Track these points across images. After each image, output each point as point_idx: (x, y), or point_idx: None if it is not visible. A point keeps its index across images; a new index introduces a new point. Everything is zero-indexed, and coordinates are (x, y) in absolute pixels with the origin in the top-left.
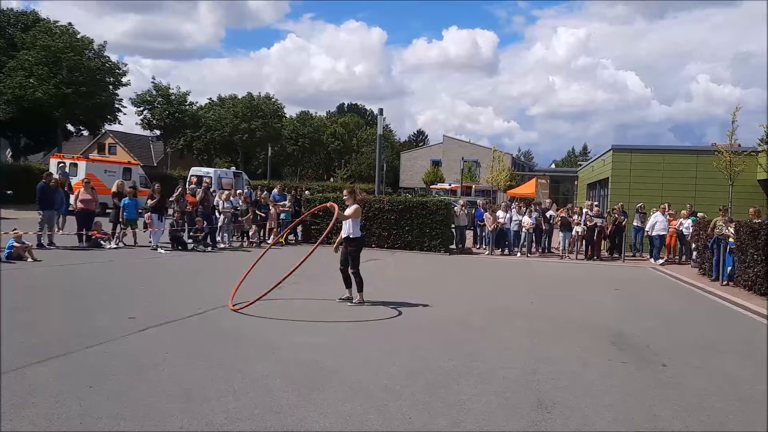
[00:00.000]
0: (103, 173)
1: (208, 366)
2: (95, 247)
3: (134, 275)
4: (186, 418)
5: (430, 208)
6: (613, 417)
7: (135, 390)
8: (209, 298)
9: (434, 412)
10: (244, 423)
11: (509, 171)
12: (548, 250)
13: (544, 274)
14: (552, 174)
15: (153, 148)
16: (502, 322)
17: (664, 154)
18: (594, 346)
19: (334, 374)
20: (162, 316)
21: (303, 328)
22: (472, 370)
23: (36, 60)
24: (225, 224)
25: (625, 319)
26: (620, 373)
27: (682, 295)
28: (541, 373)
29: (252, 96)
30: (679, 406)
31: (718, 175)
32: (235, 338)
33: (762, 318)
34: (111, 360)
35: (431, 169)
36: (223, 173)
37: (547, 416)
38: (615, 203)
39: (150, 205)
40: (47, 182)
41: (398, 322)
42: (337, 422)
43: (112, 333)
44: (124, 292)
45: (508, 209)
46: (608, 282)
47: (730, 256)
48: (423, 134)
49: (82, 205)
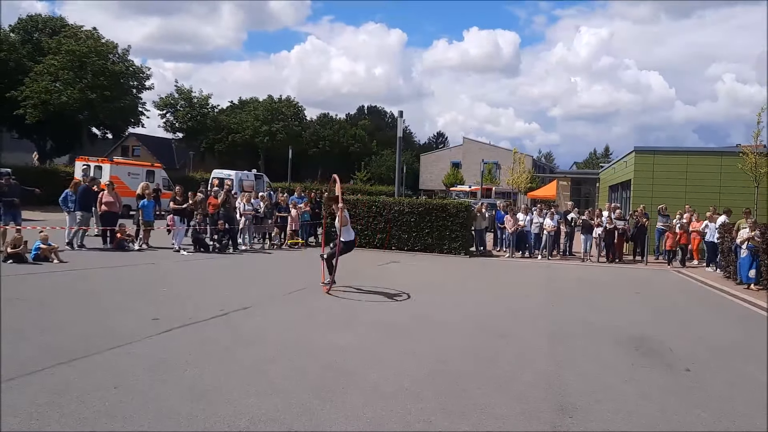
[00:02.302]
0: (127, 176)
1: (231, 367)
2: (119, 249)
3: (157, 277)
4: (209, 419)
5: (450, 211)
6: (635, 422)
7: (158, 391)
8: (231, 300)
9: (455, 416)
10: (266, 425)
11: (530, 173)
12: (569, 252)
13: (565, 276)
14: (573, 176)
15: (175, 151)
16: (523, 324)
17: (687, 156)
18: (616, 350)
19: (356, 376)
20: (185, 318)
21: (324, 329)
22: (493, 374)
23: (61, 65)
24: (246, 226)
25: (648, 322)
26: (643, 377)
27: (706, 298)
28: (563, 377)
29: (272, 99)
30: (703, 412)
31: (742, 177)
32: (257, 339)
33: None
34: (135, 361)
35: (451, 171)
36: (245, 175)
37: (569, 421)
38: (637, 205)
39: (172, 207)
40: (89, 186)
41: (418, 324)
42: (358, 425)
43: (136, 334)
44: (147, 293)
45: (528, 212)
46: (630, 285)
47: (755, 258)
48: (443, 136)
49: (105, 208)
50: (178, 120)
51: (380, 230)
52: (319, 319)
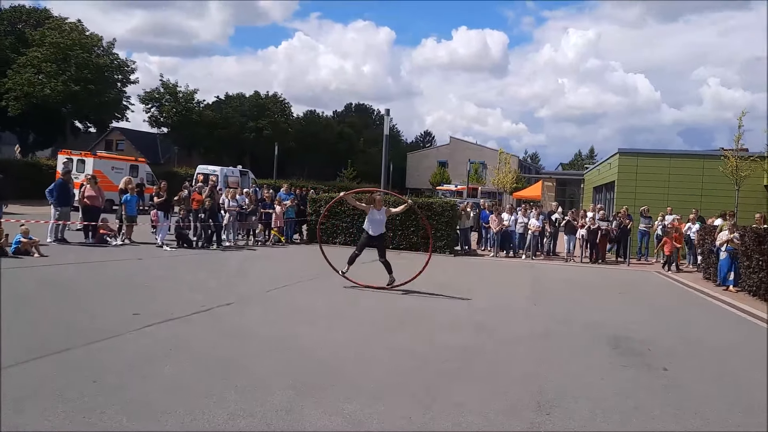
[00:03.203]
0: (111, 170)
1: (212, 363)
2: (101, 243)
3: (139, 272)
4: (188, 414)
5: (435, 209)
6: (613, 420)
7: (138, 386)
8: (214, 296)
9: (435, 412)
10: (246, 421)
11: (515, 173)
12: (553, 252)
13: (548, 276)
14: (558, 177)
15: (160, 146)
16: (505, 323)
17: (670, 158)
18: (596, 348)
19: (338, 372)
20: (166, 313)
21: (307, 325)
22: (474, 371)
23: (45, 57)
24: (230, 222)
25: (628, 322)
26: (621, 376)
27: (686, 299)
28: (543, 374)
29: (259, 95)
30: (679, 411)
31: (724, 180)
32: (240, 335)
33: (765, 324)
34: (115, 356)
35: (438, 170)
36: (230, 171)
37: (547, 418)
38: (621, 207)
39: (156, 202)
40: (66, 180)
41: (402, 321)
42: (339, 421)
43: (116, 329)
44: (128, 288)
45: (513, 211)
46: (612, 285)
47: (734, 261)
48: (430, 135)
49: (88, 202)
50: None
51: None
52: (303, 316)
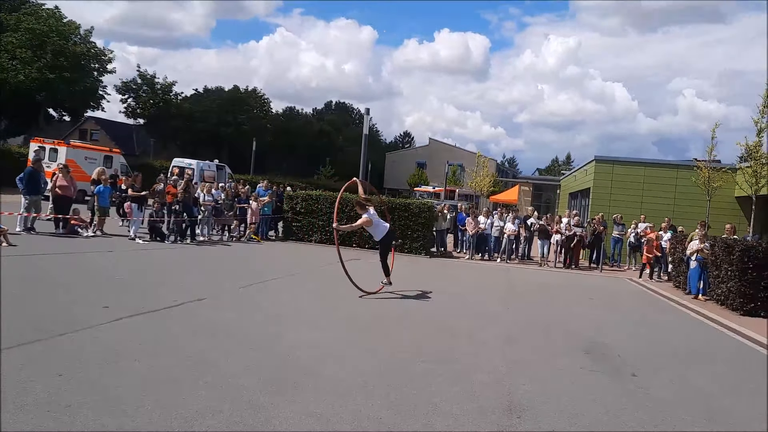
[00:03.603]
0: (84, 160)
1: (182, 358)
2: (72, 234)
3: (110, 264)
4: (156, 410)
5: (413, 210)
6: (581, 423)
7: (105, 380)
8: (186, 291)
9: (406, 413)
10: (214, 418)
11: (492, 177)
12: (527, 257)
13: (522, 280)
14: (535, 182)
15: (136, 137)
16: (478, 326)
17: (645, 167)
18: (567, 353)
19: (309, 372)
20: (137, 307)
21: (280, 324)
22: (445, 372)
23: (20, 43)
24: (205, 217)
25: (599, 328)
26: (591, 381)
27: (656, 306)
28: (514, 378)
29: (238, 89)
30: (645, 415)
31: (696, 190)
32: (212, 331)
33: (732, 333)
34: (82, 349)
35: (416, 171)
36: (206, 165)
37: (517, 421)
38: (596, 213)
39: (130, 194)
40: (36, 168)
41: (376, 322)
42: (308, 421)
43: (85, 321)
44: (99, 281)
45: (489, 215)
46: (584, 291)
47: (704, 271)
48: (409, 136)
49: (59, 191)
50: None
51: None
52: (276, 314)
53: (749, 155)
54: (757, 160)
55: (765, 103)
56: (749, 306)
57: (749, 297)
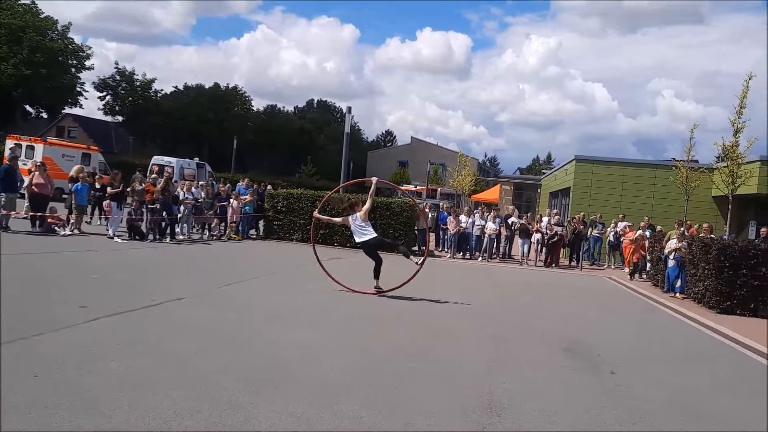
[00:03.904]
0: (61, 157)
1: (160, 358)
2: (49, 233)
3: (88, 263)
4: (132, 410)
5: (394, 209)
6: (560, 421)
7: (82, 380)
8: (165, 290)
9: (386, 412)
10: (192, 418)
11: (474, 176)
12: (508, 255)
13: (503, 279)
14: (516, 181)
15: (114, 135)
16: (459, 324)
17: (624, 167)
18: (547, 351)
19: (289, 371)
20: (115, 307)
21: (260, 323)
22: (426, 371)
23: None
24: (185, 216)
25: (579, 326)
26: (571, 379)
27: (635, 305)
28: (494, 376)
29: (219, 86)
30: (624, 413)
31: (674, 190)
32: (190, 331)
33: (709, 331)
34: (59, 349)
35: (398, 170)
36: (186, 163)
37: (497, 419)
38: (576, 212)
39: (109, 192)
40: (12, 165)
41: (356, 321)
42: (288, 421)
43: (62, 321)
44: (76, 280)
45: (470, 214)
46: (564, 289)
47: (681, 269)
48: (391, 135)
49: (36, 189)
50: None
51: (324, 226)
52: (255, 313)
53: (726, 155)
54: (734, 160)
55: (741, 104)
56: (725, 304)
57: (725, 295)
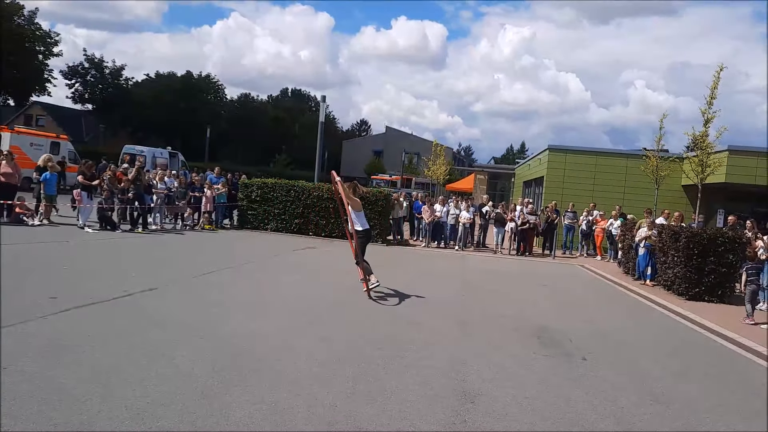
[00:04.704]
0: (29, 146)
1: (131, 349)
2: (17, 223)
3: (58, 254)
4: (105, 402)
5: (369, 199)
6: (533, 407)
7: (52, 371)
8: (137, 280)
9: (360, 400)
10: (166, 408)
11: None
12: (483, 244)
13: (477, 267)
14: (490, 170)
15: (84, 123)
16: (433, 313)
17: (596, 156)
18: (520, 339)
19: (263, 361)
20: (85, 297)
21: (234, 313)
22: (400, 360)
23: None
24: (158, 205)
25: (551, 314)
26: (543, 365)
27: (606, 292)
28: (468, 364)
29: (192, 75)
30: (595, 399)
31: (645, 179)
32: (162, 322)
33: (678, 317)
34: (28, 340)
35: (373, 159)
36: (158, 152)
37: (470, 406)
38: (549, 201)
39: (81, 182)
40: None
41: (331, 310)
42: (263, 409)
43: (31, 313)
44: (45, 270)
45: (445, 203)
46: (538, 278)
47: (652, 257)
48: (366, 124)
49: (3, 179)
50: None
51: (298, 215)
52: (229, 303)
53: (696, 145)
54: (704, 149)
55: (712, 95)
56: (694, 291)
57: (694, 282)
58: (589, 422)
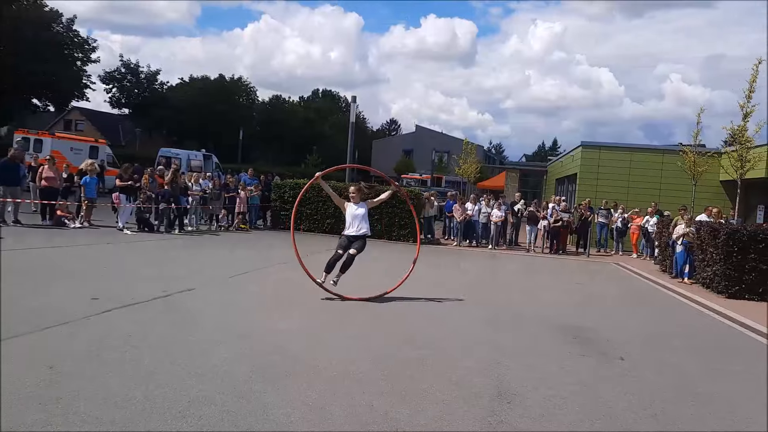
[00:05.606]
0: (69, 151)
1: (172, 349)
2: (58, 226)
3: (98, 255)
4: (148, 401)
5: (399, 198)
6: (570, 408)
7: (96, 372)
8: (175, 281)
9: (396, 400)
10: (206, 407)
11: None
12: (515, 243)
13: (510, 266)
14: (522, 168)
15: (122, 128)
16: (468, 313)
17: (631, 152)
18: (556, 338)
19: (300, 360)
20: (126, 298)
21: (270, 313)
22: (435, 359)
23: None
24: (193, 207)
25: (587, 313)
26: (580, 365)
27: (643, 291)
28: (503, 364)
29: (224, 78)
30: (634, 399)
31: (682, 175)
32: (201, 322)
33: (718, 316)
34: (71, 341)
35: (403, 159)
36: (193, 155)
37: (507, 406)
38: (582, 199)
39: (119, 185)
40: (11, 159)
41: (365, 310)
42: (301, 409)
43: (73, 314)
44: (87, 272)
45: (476, 201)
46: (572, 276)
47: (689, 254)
48: (396, 123)
49: (45, 183)
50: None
51: (330, 215)
52: (265, 303)
53: (734, 139)
54: (743, 144)
55: (751, 88)
56: (734, 289)
57: (734, 280)
58: (628, 423)
